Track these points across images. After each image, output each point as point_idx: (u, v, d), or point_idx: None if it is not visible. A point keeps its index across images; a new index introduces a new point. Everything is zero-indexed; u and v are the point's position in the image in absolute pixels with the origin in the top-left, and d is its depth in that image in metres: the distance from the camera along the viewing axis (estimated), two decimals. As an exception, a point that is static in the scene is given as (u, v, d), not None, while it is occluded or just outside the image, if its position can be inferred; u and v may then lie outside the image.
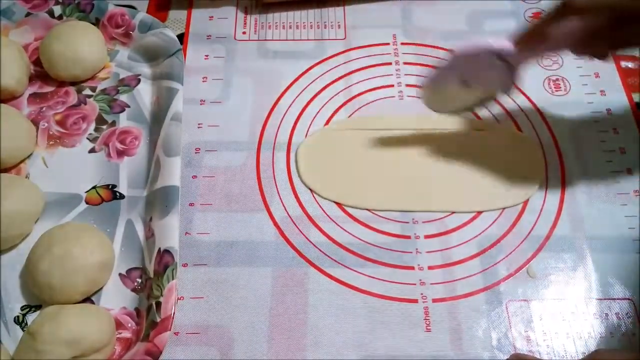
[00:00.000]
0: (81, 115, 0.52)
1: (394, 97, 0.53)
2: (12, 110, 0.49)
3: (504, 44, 0.41)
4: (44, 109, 0.52)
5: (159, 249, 0.43)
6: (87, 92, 0.53)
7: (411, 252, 0.46)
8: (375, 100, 0.53)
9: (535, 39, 0.41)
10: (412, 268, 0.45)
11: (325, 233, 0.46)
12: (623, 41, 0.41)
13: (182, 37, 0.57)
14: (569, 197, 0.48)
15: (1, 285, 0.44)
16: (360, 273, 0.45)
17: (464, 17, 0.58)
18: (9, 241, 0.45)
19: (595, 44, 0.41)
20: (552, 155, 0.50)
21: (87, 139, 0.51)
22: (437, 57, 0.55)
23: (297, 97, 0.53)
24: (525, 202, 0.48)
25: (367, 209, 0.47)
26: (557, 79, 0.54)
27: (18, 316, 0.43)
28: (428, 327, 0.42)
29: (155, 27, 0.55)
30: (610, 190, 0.48)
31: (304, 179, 0.49)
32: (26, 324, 0.43)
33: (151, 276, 0.43)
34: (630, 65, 0.55)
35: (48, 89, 0.53)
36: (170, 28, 0.56)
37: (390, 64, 0.55)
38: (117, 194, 0.48)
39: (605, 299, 0.44)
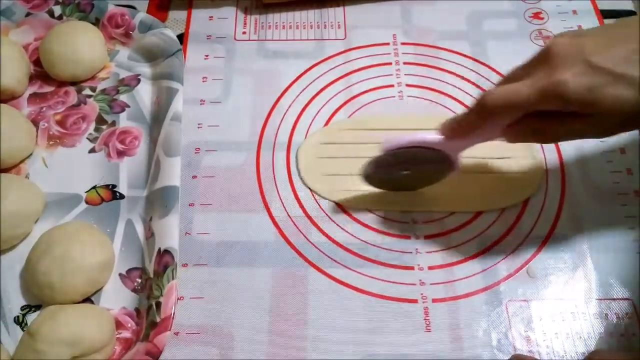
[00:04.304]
0: (81, 115, 0.52)
1: (393, 97, 0.53)
2: (12, 110, 0.49)
3: (434, 137, 0.41)
4: (44, 109, 0.52)
5: (159, 249, 0.43)
6: (87, 92, 0.53)
7: (411, 252, 0.46)
8: (375, 100, 0.53)
9: (463, 134, 0.40)
10: (412, 268, 0.45)
11: (325, 233, 0.46)
12: (554, 135, 0.38)
13: (182, 37, 0.57)
14: (569, 197, 0.48)
15: (1, 285, 0.44)
16: (360, 273, 0.45)
17: (464, 17, 0.58)
18: (9, 241, 0.45)
19: (522, 134, 0.39)
20: (552, 155, 0.50)
21: (87, 139, 0.51)
22: (437, 57, 0.55)
23: (297, 97, 0.53)
24: (525, 202, 0.48)
25: (367, 209, 0.48)
26: (557, 79, 0.54)
27: (18, 316, 0.43)
28: (428, 327, 0.42)
29: (155, 27, 0.55)
30: (610, 190, 0.48)
31: (304, 179, 0.49)
32: (26, 324, 0.43)
33: (151, 276, 0.43)
34: (630, 65, 0.55)
35: (48, 89, 0.53)
36: (170, 28, 0.56)
37: (390, 64, 0.55)
38: (117, 194, 0.48)
39: (605, 299, 0.44)
